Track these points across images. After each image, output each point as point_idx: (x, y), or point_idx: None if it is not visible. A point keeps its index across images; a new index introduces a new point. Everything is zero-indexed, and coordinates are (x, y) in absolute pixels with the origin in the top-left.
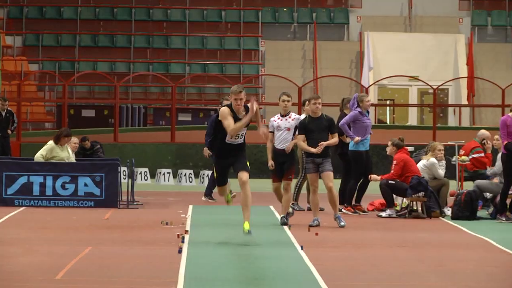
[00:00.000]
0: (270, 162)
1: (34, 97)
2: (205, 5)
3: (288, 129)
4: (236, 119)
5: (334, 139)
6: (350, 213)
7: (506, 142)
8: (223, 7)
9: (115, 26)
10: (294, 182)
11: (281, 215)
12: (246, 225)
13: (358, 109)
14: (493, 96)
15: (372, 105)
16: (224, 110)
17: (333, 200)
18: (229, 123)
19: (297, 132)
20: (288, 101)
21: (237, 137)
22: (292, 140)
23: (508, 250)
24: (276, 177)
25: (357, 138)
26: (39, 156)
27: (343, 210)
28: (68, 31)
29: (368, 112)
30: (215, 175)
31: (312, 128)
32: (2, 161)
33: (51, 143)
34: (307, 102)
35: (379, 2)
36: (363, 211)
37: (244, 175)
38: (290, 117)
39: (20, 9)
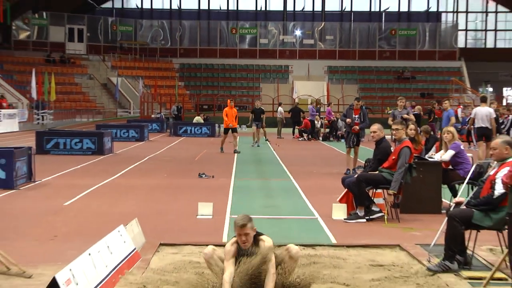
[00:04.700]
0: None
1: (186, 101)
2: (243, 71)
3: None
4: (241, 255)
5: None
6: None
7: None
8: (248, 76)
9: (216, 79)
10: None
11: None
12: None
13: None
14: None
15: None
16: (228, 247)
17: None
18: (225, 267)
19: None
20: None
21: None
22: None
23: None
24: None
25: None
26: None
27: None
28: (199, 80)
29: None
30: None
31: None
32: (178, 122)
33: (198, 118)
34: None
35: (298, 70)
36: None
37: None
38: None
39: (183, 72)
